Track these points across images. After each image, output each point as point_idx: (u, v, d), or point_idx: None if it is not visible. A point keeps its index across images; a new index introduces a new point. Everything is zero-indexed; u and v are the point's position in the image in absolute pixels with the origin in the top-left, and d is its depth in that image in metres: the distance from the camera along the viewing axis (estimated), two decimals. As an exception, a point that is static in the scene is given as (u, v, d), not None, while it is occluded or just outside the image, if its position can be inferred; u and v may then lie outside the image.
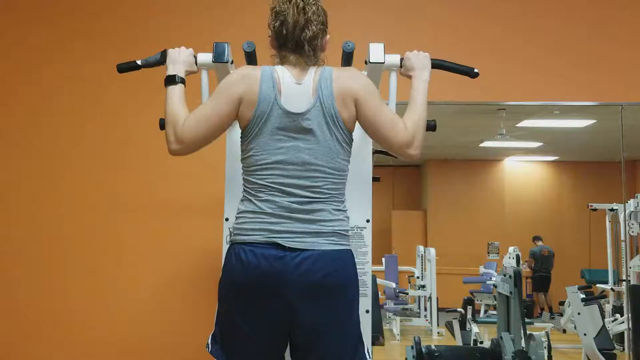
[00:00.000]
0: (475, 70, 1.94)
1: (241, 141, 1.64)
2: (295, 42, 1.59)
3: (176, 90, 1.73)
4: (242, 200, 1.63)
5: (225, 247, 2.25)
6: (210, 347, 1.63)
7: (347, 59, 1.91)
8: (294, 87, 1.57)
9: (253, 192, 1.58)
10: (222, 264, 1.62)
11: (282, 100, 1.55)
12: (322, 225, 1.55)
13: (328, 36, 1.70)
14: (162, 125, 2.01)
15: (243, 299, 1.52)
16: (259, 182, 1.57)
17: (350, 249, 1.62)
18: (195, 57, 1.89)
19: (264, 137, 1.56)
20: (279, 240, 1.51)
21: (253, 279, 1.50)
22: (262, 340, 1.53)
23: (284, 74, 1.58)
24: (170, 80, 1.76)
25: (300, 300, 1.49)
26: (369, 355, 1.69)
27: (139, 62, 1.94)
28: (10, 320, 2.94)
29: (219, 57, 1.86)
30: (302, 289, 1.49)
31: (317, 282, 1.50)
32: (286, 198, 1.54)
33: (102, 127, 3.05)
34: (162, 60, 1.87)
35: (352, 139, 1.66)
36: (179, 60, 1.83)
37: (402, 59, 1.88)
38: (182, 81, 1.77)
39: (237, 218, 1.62)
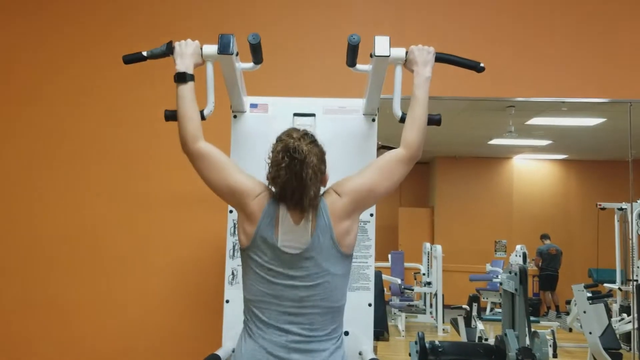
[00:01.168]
0: (481, 65, 1.93)
1: (241, 256, 1.65)
2: (295, 201, 1.58)
3: (188, 90, 1.75)
4: (243, 328, 1.63)
5: (229, 240, 2.26)
6: None
7: (352, 52, 1.90)
8: (292, 228, 1.55)
9: (252, 326, 1.57)
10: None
11: (279, 241, 1.54)
12: None
13: (327, 174, 1.67)
14: (167, 117, 2.02)
15: None
16: (259, 315, 1.57)
17: None
18: (201, 49, 1.89)
19: (261, 269, 1.56)
20: None
21: None
22: None
23: (284, 214, 1.57)
24: (181, 78, 1.76)
25: None
26: None
27: (144, 54, 1.94)
28: (23, 310, 2.97)
29: (224, 49, 1.87)
30: None
31: None
32: (283, 337, 1.54)
33: (110, 120, 3.06)
34: (167, 52, 1.88)
35: (351, 262, 1.64)
36: (186, 53, 1.83)
37: (407, 52, 1.87)
38: (192, 78, 1.77)
39: (238, 345, 1.62)
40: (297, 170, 1.51)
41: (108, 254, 2.97)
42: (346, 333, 1.68)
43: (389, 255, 8.46)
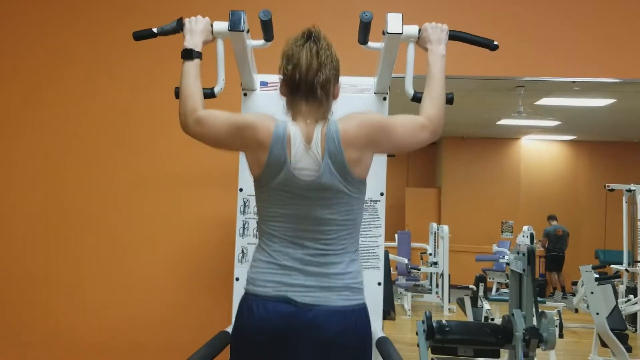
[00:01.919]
0: (495, 43, 1.90)
1: (254, 185, 1.62)
2: (308, 86, 1.54)
3: (192, 67, 1.72)
4: (256, 248, 1.62)
5: (239, 218, 2.26)
6: None
7: (364, 29, 1.88)
8: (304, 150, 1.53)
9: (267, 242, 1.57)
10: (235, 313, 1.61)
11: (291, 165, 1.52)
12: (335, 279, 1.53)
13: (340, 84, 1.64)
14: (178, 94, 2.01)
15: (254, 354, 1.52)
16: (272, 232, 1.56)
17: (364, 304, 1.57)
18: (211, 25, 1.87)
19: (275, 193, 1.54)
20: (290, 294, 1.50)
21: (264, 334, 1.49)
22: None
23: (295, 134, 1.54)
24: (187, 54, 1.74)
25: (310, 358, 1.47)
26: None
27: (154, 30, 1.92)
28: (25, 293, 3.00)
29: (235, 26, 1.84)
30: (313, 347, 1.48)
31: (329, 340, 1.48)
32: (299, 250, 1.53)
33: (117, 99, 3.05)
34: (178, 28, 1.86)
35: (366, 186, 1.61)
36: (196, 30, 1.81)
37: (420, 30, 1.85)
38: (199, 56, 1.76)
39: (251, 266, 1.61)
40: (312, 48, 1.53)
41: (116, 234, 2.98)
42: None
43: (396, 235, 8.50)
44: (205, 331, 2.01)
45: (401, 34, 1.81)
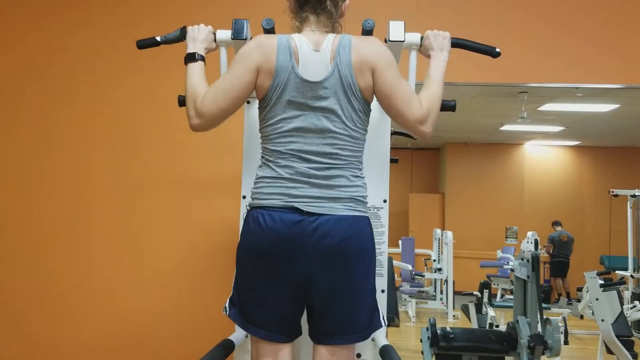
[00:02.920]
0: (497, 50, 1.90)
1: (259, 110, 1.63)
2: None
3: (196, 67, 1.73)
4: (260, 166, 1.63)
5: (241, 221, 2.26)
6: (227, 310, 1.64)
7: (366, 37, 1.89)
8: (312, 54, 1.54)
9: (272, 159, 1.58)
10: (240, 228, 1.61)
11: (299, 69, 1.53)
12: (340, 191, 1.54)
13: (348, 1, 1.65)
14: (181, 102, 2.01)
15: (261, 263, 1.53)
16: (278, 148, 1.56)
17: (367, 216, 1.60)
18: (214, 34, 1.88)
19: (281, 105, 1.55)
20: (297, 205, 1.50)
21: (271, 243, 1.50)
22: (279, 304, 1.54)
23: (302, 41, 1.56)
24: (190, 57, 1.75)
25: (316, 265, 1.49)
26: (384, 322, 1.70)
27: (158, 39, 1.93)
28: (33, 295, 3.01)
29: (237, 34, 1.85)
30: (319, 254, 1.49)
31: (334, 247, 1.50)
32: (304, 164, 1.54)
33: (122, 104, 3.06)
34: (181, 37, 1.87)
35: (370, 110, 1.63)
36: (198, 38, 1.82)
37: (422, 38, 1.85)
38: (202, 59, 1.76)
39: (255, 183, 1.61)
40: None
41: (119, 240, 2.99)
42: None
43: (400, 241, 8.50)
44: (209, 337, 2.01)
45: (403, 41, 1.81)
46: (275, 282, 1.52)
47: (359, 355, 1.92)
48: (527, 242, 3.67)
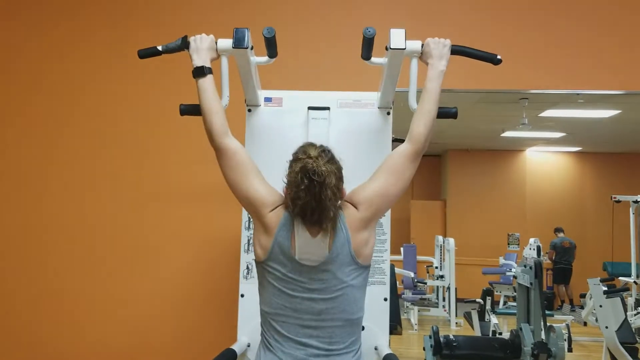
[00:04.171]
0: (498, 57, 1.90)
1: (257, 266, 1.65)
2: (314, 221, 1.54)
3: (207, 83, 1.74)
4: (261, 348, 1.63)
5: (244, 234, 2.26)
6: None
7: (367, 45, 1.89)
8: (309, 241, 1.55)
9: (272, 342, 1.58)
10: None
11: (296, 254, 1.54)
12: None
13: (344, 190, 1.63)
14: (182, 111, 2.02)
15: None
16: (277, 329, 1.57)
17: None
18: (215, 43, 1.88)
19: (279, 282, 1.56)
20: None
21: None
22: None
23: (301, 227, 1.56)
24: (199, 72, 1.76)
25: None
26: None
27: (159, 48, 1.94)
28: (36, 302, 3.00)
29: (239, 43, 1.86)
30: None
31: None
32: (303, 350, 1.55)
33: (125, 115, 3.07)
34: (183, 46, 1.87)
35: (369, 271, 1.65)
36: (202, 48, 1.82)
37: (422, 45, 1.85)
38: (210, 72, 1.77)
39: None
40: (316, 192, 1.49)
41: (122, 250, 2.98)
42: (362, 328, 1.68)
43: (402, 248, 8.47)
44: (211, 348, 2.00)
45: (404, 49, 1.81)
46: None
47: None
48: (530, 249, 3.65)
